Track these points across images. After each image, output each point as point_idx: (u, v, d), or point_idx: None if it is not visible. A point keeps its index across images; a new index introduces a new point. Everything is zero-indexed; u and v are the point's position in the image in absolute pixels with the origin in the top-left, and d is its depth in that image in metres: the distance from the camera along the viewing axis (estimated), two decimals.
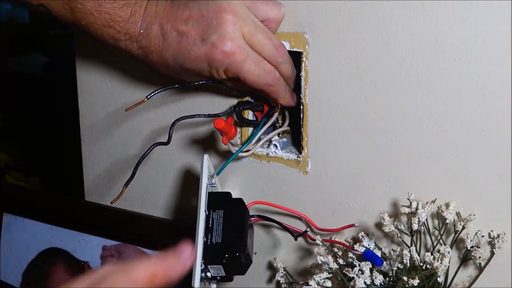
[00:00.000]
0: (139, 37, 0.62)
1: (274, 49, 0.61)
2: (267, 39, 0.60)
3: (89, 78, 0.81)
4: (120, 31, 0.62)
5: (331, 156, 0.66)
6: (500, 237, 0.58)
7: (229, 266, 0.59)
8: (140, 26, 0.62)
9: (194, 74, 0.63)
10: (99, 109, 0.82)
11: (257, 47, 0.60)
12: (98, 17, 0.62)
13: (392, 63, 0.60)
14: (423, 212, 0.59)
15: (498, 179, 0.58)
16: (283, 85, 0.64)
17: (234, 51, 0.59)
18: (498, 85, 0.56)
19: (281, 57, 0.62)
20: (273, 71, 0.62)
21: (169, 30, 0.61)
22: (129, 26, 0.62)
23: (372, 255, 0.60)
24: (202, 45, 0.59)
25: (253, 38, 0.59)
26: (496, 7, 0.54)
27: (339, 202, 0.67)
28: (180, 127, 0.75)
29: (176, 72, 0.63)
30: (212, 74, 0.61)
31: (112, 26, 0.62)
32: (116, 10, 0.61)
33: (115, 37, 0.63)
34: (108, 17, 0.62)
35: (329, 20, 0.62)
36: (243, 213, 0.63)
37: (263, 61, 0.61)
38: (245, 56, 0.59)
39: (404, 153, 0.61)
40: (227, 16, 0.58)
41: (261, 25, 0.61)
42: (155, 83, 0.74)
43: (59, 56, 1.57)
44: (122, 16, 0.62)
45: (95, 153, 0.84)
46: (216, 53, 0.59)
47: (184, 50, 0.60)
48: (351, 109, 0.63)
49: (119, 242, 0.83)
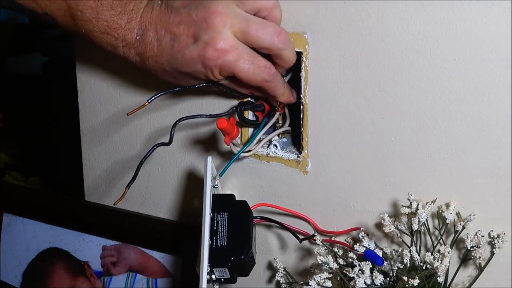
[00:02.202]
0: (136, 43, 0.63)
1: (273, 37, 0.60)
2: (261, 30, 0.60)
3: (89, 78, 0.81)
4: (117, 38, 0.63)
5: (331, 156, 0.66)
6: (500, 237, 0.58)
7: (234, 268, 0.59)
8: (136, 33, 0.63)
9: (190, 77, 0.63)
10: (99, 109, 0.82)
11: (252, 42, 0.60)
12: (96, 24, 0.63)
13: (392, 63, 0.60)
14: (423, 212, 0.59)
15: (498, 179, 0.58)
16: (280, 80, 0.64)
17: (227, 50, 0.59)
18: (498, 85, 0.56)
19: (282, 43, 0.61)
20: (268, 66, 0.62)
21: (163, 35, 0.61)
22: (126, 33, 0.63)
23: (373, 255, 0.60)
24: (195, 46, 0.59)
25: (246, 34, 0.59)
26: (496, 7, 0.54)
27: (339, 202, 0.67)
28: (182, 128, 0.75)
29: (173, 76, 0.64)
30: (208, 76, 0.61)
31: (109, 33, 0.63)
32: (113, 17, 0.63)
33: (113, 44, 0.64)
34: (106, 24, 0.63)
35: (329, 20, 0.62)
36: (247, 216, 0.63)
37: (258, 58, 0.61)
38: (238, 55, 0.59)
39: (404, 153, 0.62)
40: (216, 18, 0.58)
41: (253, 19, 0.60)
42: (155, 83, 0.74)
43: (59, 56, 1.57)
44: (119, 23, 0.63)
45: (95, 153, 0.84)
46: (208, 53, 0.59)
47: (177, 54, 0.61)
48: (351, 109, 0.63)
49: (119, 242, 0.83)
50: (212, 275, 0.59)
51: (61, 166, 1.32)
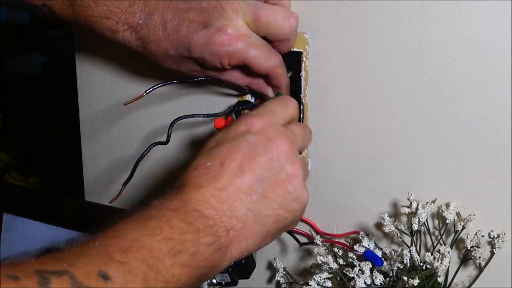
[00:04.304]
0: (138, 27, 0.63)
1: (285, 25, 0.60)
2: (274, 16, 0.60)
3: (89, 78, 0.81)
4: (118, 21, 0.63)
5: (331, 156, 0.66)
6: (500, 237, 0.58)
7: (235, 273, 0.59)
8: (139, 17, 0.62)
9: (194, 63, 0.62)
10: (99, 109, 0.82)
11: (264, 30, 0.60)
12: (96, 9, 0.62)
13: (392, 63, 0.60)
14: (423, 212, 0.59)
15: (498, 179, 0.58)
16: (286, 71, 0.64)
17: (238, 37, 0.59)
18: (498, 85, 0.56)
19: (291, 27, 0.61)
20: (278, 54, 0.62)
21: (169, 19, 0.61)
22: (128, 17, 0.62)
23: (373, 255, 0.60)
24: (204, 31, 0.59)
25: (257, 23, 0.60)
26: (496, 7, 0.54)
27: (339, 202, 0.67)
28: (179, 127, 0.75)
29: (175, 63, 0.63)
30: (215, 63, 0.61)
31: (110, 18, 0.63)
32: (114, 1, 0.62)
33: (113, 29, 0.63)
34: (106, 8, 0.62)
35: (329, 20, 0.62)
36: None
37: (268, 45, 0.61)
38: (249, 42, 0.59)
39: (404, 153, 0.61)
40: (228, 8, 0.59)
41: (263, 5, 0.60)
42: (156, 82, 0.74)
43: (59, 56, 1.57)
44: (119, 7, 0.62)
45: (95, 153, 0.84)
46: (219, 39, 0.59)
47: (184, 38, 0.60)
48: (351, 109, 0.63)
49: None
50: (213, 279, 0.59)
51: (61, 166, 1.32)
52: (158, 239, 0.45)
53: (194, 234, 0.47)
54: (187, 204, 0.49)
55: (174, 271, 0.45)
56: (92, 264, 0.41)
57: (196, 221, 0.48)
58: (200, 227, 0.48)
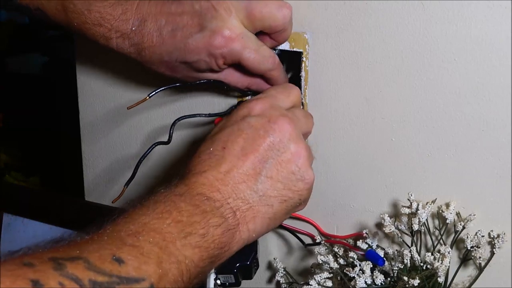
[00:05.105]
0: (131, 34, 0.63)
1: (279, 16, 0.60)
2: (266, 8, 0.60)
3: (89, 78, 0.81)
4: (110, 29, 0.63)
5: (331, 156, 0.66)
6: (500, 237, 0.58)
7: (239, 274, 0.59)
8: (132, 24, 0.62)
9: (190, 68, 0.62)
10: (99, 109, 0.82)
11: (259, 24, 0.60)
12: (88, 16, 0.62)
13: (392, 63, 0.60)
14: (423, 212, 0.59)
15: (498, 179, 0.58)
16: (283, 71, 0.64)
17: (233, 38, 0.59)
18: (498, 85, 0.56)
19: (285, 17, 0.60)
20: (273, 56, 0.62)
21: (163, 25, 0.61)
22: (120, 24, 0.62)
23: (375, 254, 0.60)
24: (200, 35, 0.59)
25: (251, 19, 0.60)
26: (496, 7, 0.54)
27: (339, 202, 0.67)
28: (181, 127, 0.75)
29: (170, 68, 0.63)
30: (211, 65, 0.61)
31: (102, 25, 0.63)
32: (107, 8, 0.62)
33: (106, 36, 0.63)
34: (99, 15, 0.62)
35: (329, 20, 0.62)
36: None
37: (263, 47, 0.61)
38: (244, 44, 0.59)
39: (404, 153, 0.61)
40: (221, 8, 0.59)
41: (257, 2, 0.60)
42: (155, 83, 0.74)
43: (59, 56, 1.57)
44: (112, 14, 0.62)
45: (95, 153, 0.84)
46: (216, 41, 0.59)
47: (180, 43, 0.60)
48: (351, 109, 0.63)
49: None
50: (217, 280, 0.59)
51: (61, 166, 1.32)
52: (167, 222, 0.46)
53: (202, 216, 0.49)
54: (192, 188, 0.51)
55: (186, 253, 0.46)
56: (105, 248, 0.42)
57: (203, 203, 0.49)
58: (207, 209, 0.49)
